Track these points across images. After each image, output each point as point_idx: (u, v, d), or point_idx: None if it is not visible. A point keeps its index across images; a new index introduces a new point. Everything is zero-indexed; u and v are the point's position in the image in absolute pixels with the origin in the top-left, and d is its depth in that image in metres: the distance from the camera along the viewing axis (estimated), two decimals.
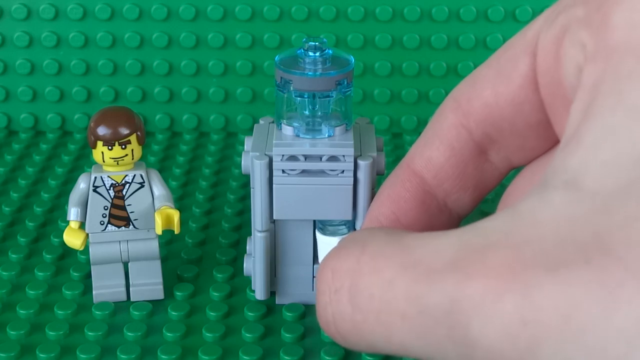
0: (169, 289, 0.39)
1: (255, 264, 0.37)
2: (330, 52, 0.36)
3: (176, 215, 0.37)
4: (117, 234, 0.38)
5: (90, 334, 0.36)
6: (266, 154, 0.35)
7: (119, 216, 0.38)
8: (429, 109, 0.54)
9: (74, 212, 0.37)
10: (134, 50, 0.54)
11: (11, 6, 0.54)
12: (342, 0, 0.54)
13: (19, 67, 0.55)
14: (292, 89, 0.35)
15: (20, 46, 0.54)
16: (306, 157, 0.35)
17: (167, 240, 0.43)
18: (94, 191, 0.37)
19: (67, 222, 0.37)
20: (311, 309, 0.38)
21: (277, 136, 0.36)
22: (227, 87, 0.55)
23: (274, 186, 0.35)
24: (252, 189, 0.36)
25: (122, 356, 0.35)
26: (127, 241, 0.38)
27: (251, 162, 0.35)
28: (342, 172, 0.35)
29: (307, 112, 0.36)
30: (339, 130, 0.36)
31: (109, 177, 0.37)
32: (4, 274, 0.40)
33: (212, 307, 0.38)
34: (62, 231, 0.38)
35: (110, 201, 0.37)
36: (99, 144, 0.36)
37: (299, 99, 0.36)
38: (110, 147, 0.36)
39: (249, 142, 0.38)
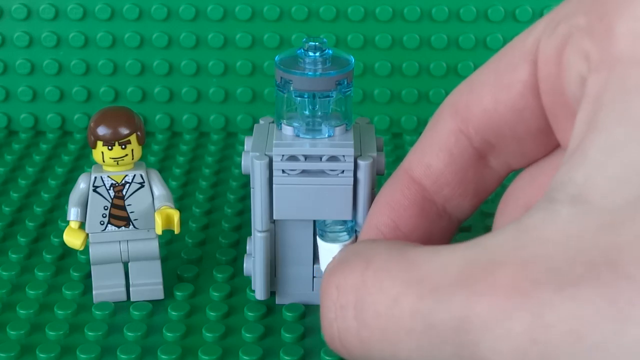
0: (169, 289, 0.39)
1: (255, 264, 0.37)
2: (330, 52, 0.36)
3: (176, 215, 0.37)
4: (117, 234, 0.38)
5: (90, 334, 0.36)
6: (266, 154, 0.35)
7: (119, 216, 0.38)
8: (429, 109, 0.54)
9: (74, 212, 0.37)
10: (134, 50, 0.54)
11: (11, 6, 0.54)
12: (342, 0, 0.54)
13: (19, 67, 0.55)
14: (292, 89, 0.35)
15: (20, 46, 0.54)
16: (306, 157, 0.35)
17: (167, 240, 0.43)
18: (94, 191, 0.37)
19: (67, 222, 0.37)
20: (311, 309, 0.38)
21: (277, 136, 0.36)
22: (227, 87, 0.55)
23: (274, 186, 0.35)
24: (252, 189, 0.36)
25: (122, 356, 0.35)
26: (127, 241, 0.38)
27: (251, 162, 0.35)
28: (342, 172, 0.35)
29: (307, 112, 0.36)
30: (339, 130, 0.36)
31: (109, 177, 0.37)
32: (4, 274, 0.40)
33: (212, 307, 0.38)
34: (62, 231, 0.38)
35: (110, 201, 0.37)
36: (99, 144, 0.36)
37: (299, 99, 0.36)
38: (110, 147, 0.36)
39: (249, 142, 0.38)
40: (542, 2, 0.54)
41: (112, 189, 0.37)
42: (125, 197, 0.37)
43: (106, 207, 0.37)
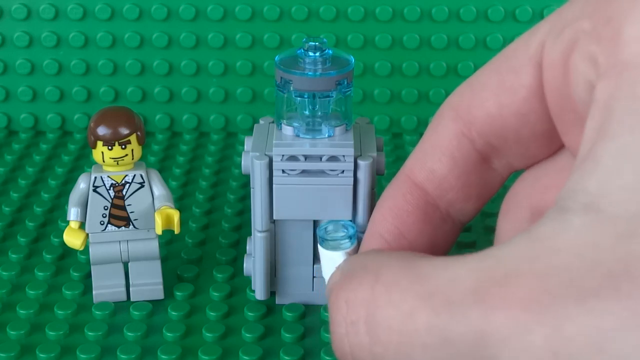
0: (169, 289, 0.39)
1: (255, 264, 0.37)
2: (330, 52, 0.36)
3: (176, 215, 0.37)
4: (117, 234, 0.38)
5: (90, 334, 0.36)
6: (266, 154, 0.35)
7: (119, 216, 0.38)
8: (429, 109, 0.54)
9: (74, 212, 0.37)
10: (134, 50, 0.54)
11: (11, 6, 0.54)
12: (342, 0, 0.54)
13: (19, 67, 0.55)
14: (292, 89, 0.35)
15: (20, 46, 0.54)
16: (306, 157, 0.35)
17: (167, 240, 0.43)
18: (94, 191, 0.37)
19: (67, 222, 0.37)
20: (311, 309, 0.38)
21: (277, 136, 0.36)
22: (227, 87, 0.55)
23: (274, 186, 0.35)
24: (252, 189, 0.36)
25: (122, 356, 0.35)
26: (127, 241, 0.38)
27: (251, 162, 0.35)
28: (342, 172, 0.35)
29: (307, 112, 0.36)
30: (339, 130, 0.36)
31: (109, 177, 0.37)
32: (4, 274, 0.40)
33: (212, 307, 0.38)
34: (62, 231, 0.38)
35: (110, 201, 0.37)
36: (99, 144, 0.36)
37: (299, 99, 0.36)
38: (110, 147, 0.36)
39: (249, 142, 0.38)
40: (542, 2, 0.54)
41: (112, 189, 0.37)
42: (125, 197, 0.37)
43: (106, 207, 0.37)
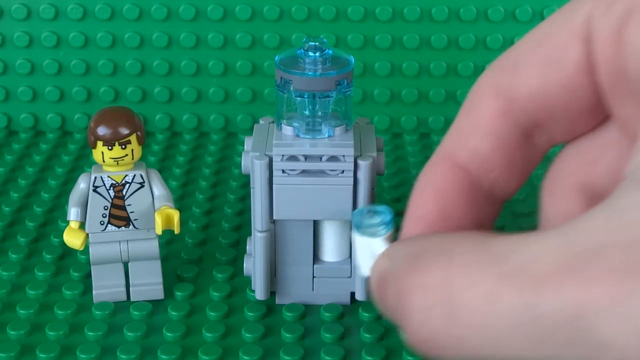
0: (169, 289, 0.39)
1: (255, 264, 0.37)
2: (330, 52, 0.36)
3: (176, 215, 0.37)
4: (117, 234, 0.38)
5: (90, 334, 0.36)
6: (266, 154, 0.35)
7: (119, 216, 0.38)
8: (429, 109, 0.54)
9: (74, 212, 0.37)
10: (134, 50, 0.54)
11: (11, 6, 0.54)
12: (342, 0, 0.54)
13: (19, 67, 0.55)
14: (292, 89, 0.35)
15: (20, 46, 0.54)
16: (306, 157, 0.35)
17: (167, 240, 0.43)
18: (94, 191, 0.37)
19: (67, 222, 0.37)
20: (311, 309, 0.38)
21: (277, 136, 0.36)
22: (227, 87, 0.55)
23: (274, 186, 0.35)
24: (252, 189, 0.36)
25: (122, 356, 0.35)
26: (127, 241, 0.38)
27: (251, 162, 0.35)
28: (342, 172, 0.35)
29: (307, 112, 0.36)
30: (339, 130, 0.36)
31: (109, 177, 0.37)
32: (4, 274, 0.41)
33: (212, 307, 0.38)
34: (62, 231, 0.38)
35: (110, 201, 0.37)
36: (99, 144, 0.36)
37: (299, 99, 0.36)
38: (110, 147, 0.36)
39: (249, 142, 0.38)
40: (542, 2, 0.54)
41: (112, 189, 0.37)
42: (125, 197, 0.37)
43: (106, 207, 0.37)
